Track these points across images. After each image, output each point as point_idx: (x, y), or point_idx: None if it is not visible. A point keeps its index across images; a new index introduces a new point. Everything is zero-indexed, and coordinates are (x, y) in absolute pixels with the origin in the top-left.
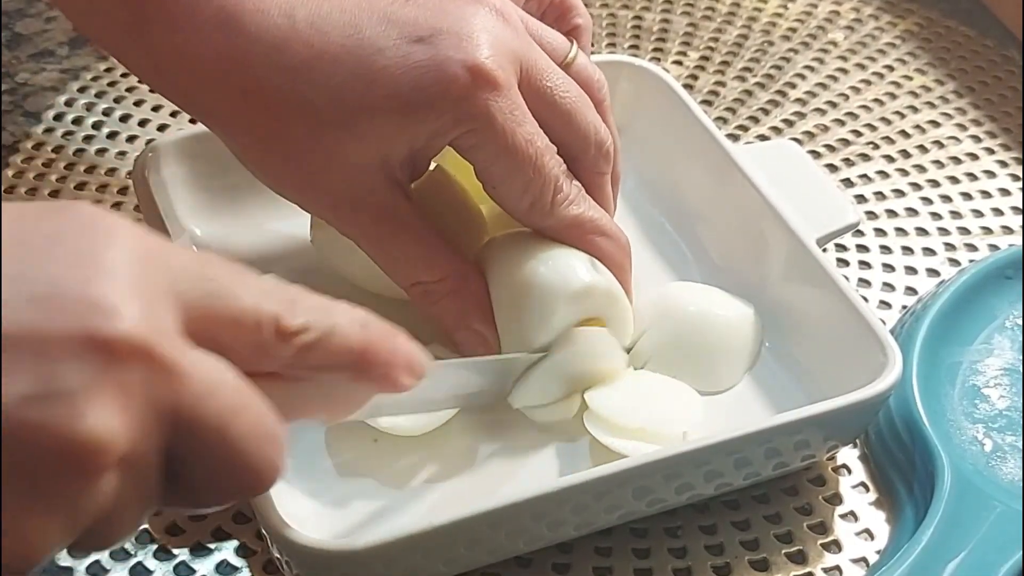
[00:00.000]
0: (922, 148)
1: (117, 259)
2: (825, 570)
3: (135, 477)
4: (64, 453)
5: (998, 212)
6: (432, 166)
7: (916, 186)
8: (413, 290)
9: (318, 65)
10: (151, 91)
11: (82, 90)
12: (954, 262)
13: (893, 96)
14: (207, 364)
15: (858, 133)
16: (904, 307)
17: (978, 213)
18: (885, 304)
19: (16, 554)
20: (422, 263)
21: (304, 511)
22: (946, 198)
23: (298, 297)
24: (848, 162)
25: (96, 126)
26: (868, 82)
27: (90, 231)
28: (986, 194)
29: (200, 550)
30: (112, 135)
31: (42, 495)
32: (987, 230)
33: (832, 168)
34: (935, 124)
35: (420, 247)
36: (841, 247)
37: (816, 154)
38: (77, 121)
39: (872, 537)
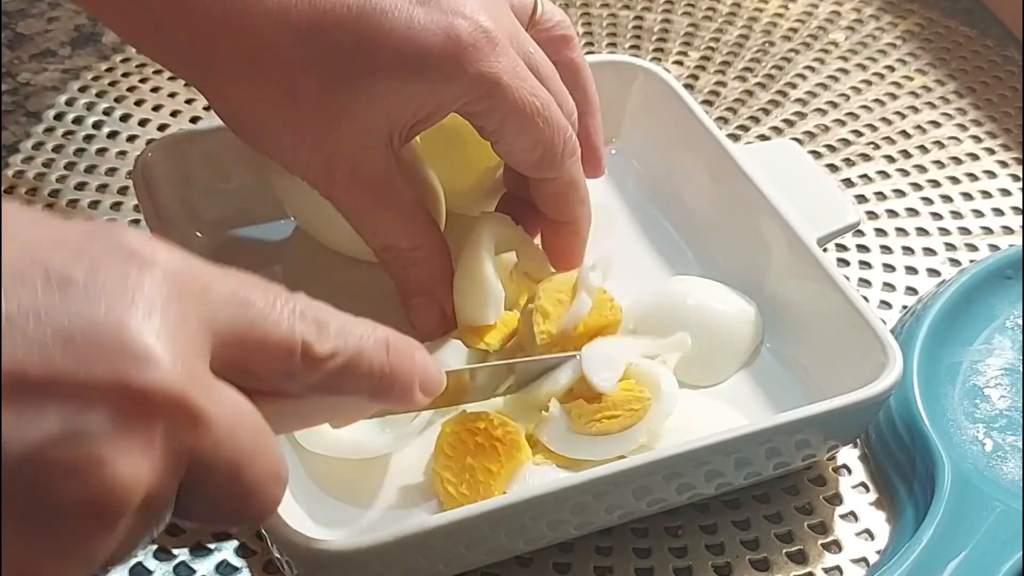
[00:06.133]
0: (923, 148)
1: (154, 294)
2: (825, 570)
3: (148, 516)
4: (87, 499)
5: (998, 212)
6: None
7: (917, 186)
8: (384, 253)
9: (324, 27)
10: (152, 91)
11: (83, 90)
12: (954, 262)
13: (894, 96)
14: (229, 402)
15: (859, 133)
16: (904, 307)
17: (978, 213)
18: (885, 304)
19: None
20: (402, 231)
21: (304, 511)
22: (947, 198)
23: (327, 319)
24: (849, 162)
25: (96, 126)
26: (869, 82)
27: (127, 262)
28: (986, 194)
29: (200, 550)
30: (112, 135)
31: (61, 540)
32: (987, 230)
33: (833, 168)
34: (936, 124)
35: (403, 216)
36: (841, 247)
37: (817, 154)
38: (78, 121)
39: (872, 537)
